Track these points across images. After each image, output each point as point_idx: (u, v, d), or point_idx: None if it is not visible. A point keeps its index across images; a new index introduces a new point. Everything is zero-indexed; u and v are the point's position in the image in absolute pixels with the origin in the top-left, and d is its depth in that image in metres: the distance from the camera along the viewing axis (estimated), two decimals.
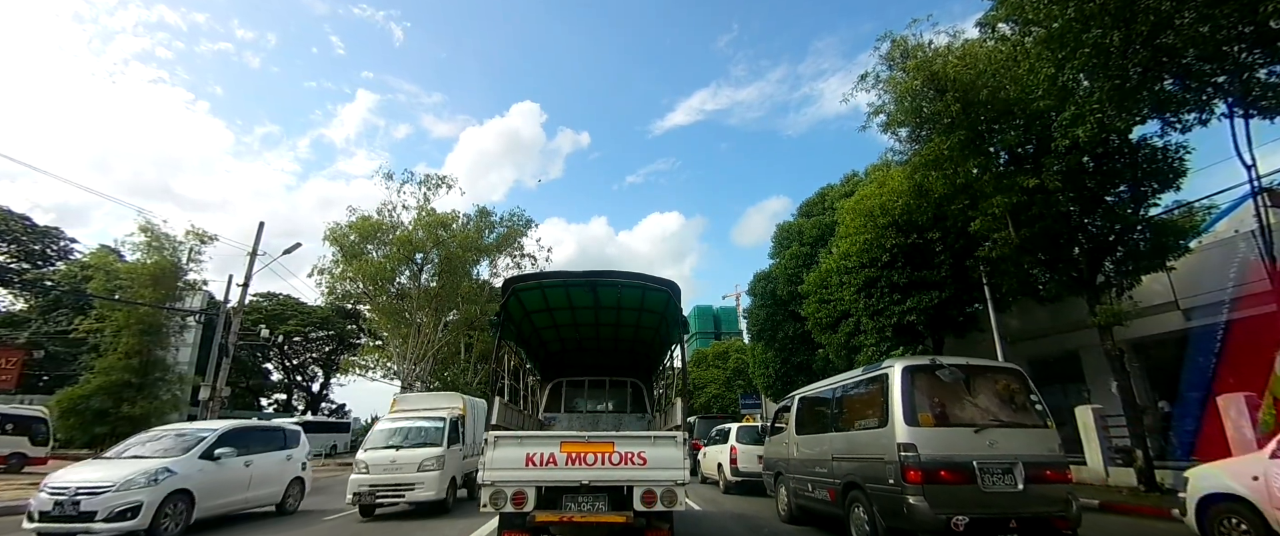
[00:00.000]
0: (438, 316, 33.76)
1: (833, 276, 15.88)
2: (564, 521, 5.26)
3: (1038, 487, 5.95)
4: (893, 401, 6.20)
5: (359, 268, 29.18)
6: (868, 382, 7.01)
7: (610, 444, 5.43)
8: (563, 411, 9.24)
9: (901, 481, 5.85)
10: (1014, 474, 5.94)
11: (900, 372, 6.30)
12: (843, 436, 7.28)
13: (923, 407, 6.15)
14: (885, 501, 6.14)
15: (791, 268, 20.79)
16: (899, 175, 13.67)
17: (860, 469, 6.68)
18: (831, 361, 17.44)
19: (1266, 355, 8.41)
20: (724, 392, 40.82)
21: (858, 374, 7.39)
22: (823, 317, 16.57)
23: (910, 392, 6.19)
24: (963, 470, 5.83)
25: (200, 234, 17.29)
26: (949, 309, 13.55)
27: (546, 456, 5.33)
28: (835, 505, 7.25)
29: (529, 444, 5.45)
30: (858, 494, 6.71)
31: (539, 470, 5.30)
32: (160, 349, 16.61)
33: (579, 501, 5.33)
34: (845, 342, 15.60)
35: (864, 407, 7.01)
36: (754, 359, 24.91)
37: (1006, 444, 6.06)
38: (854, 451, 6.90)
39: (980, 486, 5.81)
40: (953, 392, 6.33)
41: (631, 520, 5.22)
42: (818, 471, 7.76)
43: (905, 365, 6.39)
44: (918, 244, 13.59)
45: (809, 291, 17.33)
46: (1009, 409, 6.44)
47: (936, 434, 6.00)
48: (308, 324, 51.49)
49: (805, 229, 21.58)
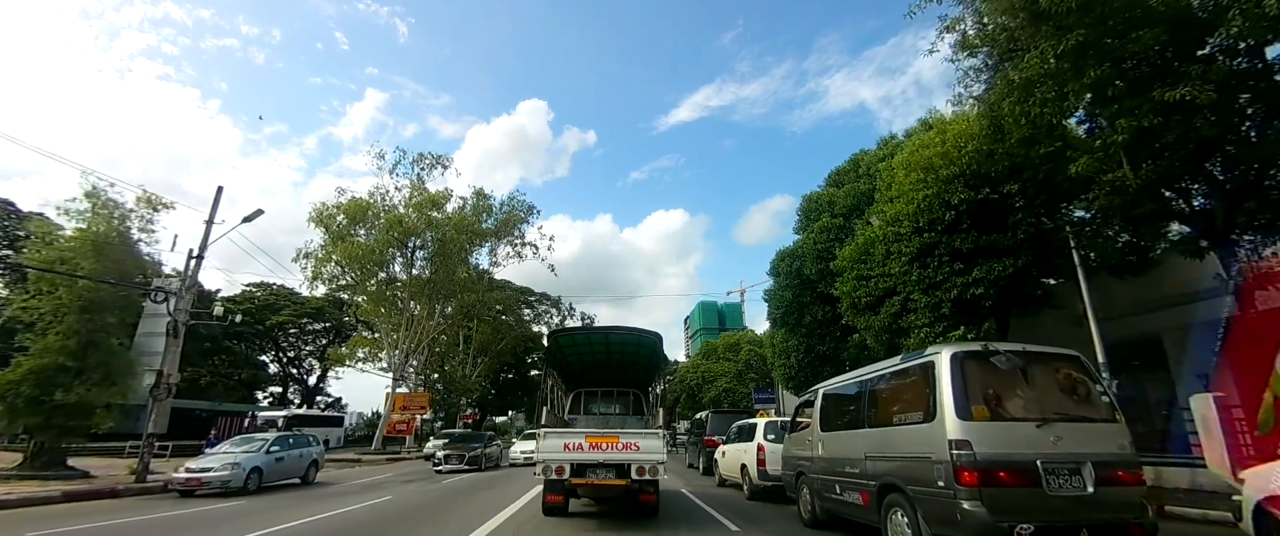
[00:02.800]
0: (432, 305, 32.92)
1: (877, 246, 14.12)
2: (588, 484, 8.11)
3: (1109, 490, 5.18)
4: (941, 392, 5.41)
5: (345, 250, 28.17)
6: (908, 372, 6.21)
7: (617, 437, 8.24)
8: (582, 413, 12.29)
9: (953, 483, 5.07)
10: (1082, 474, 5.17)
11: (949, 359, 5.51)
12: (878, 433, 6.49)
13: (976, 399, 5.35)
14: (932, 506, 5.36)
15: (821, 242, 18.84)
16: (958, 124, 11.89)
17: (900, 469, 5.90)
18: (869, 348, 15.86)
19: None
20: (735, 386, 39.73)
21: (895, 363, 6.59)
22: (861, 297, 14.76)
23: (961, 382, 5.39)
24: (1025, 470, 5.06)
25: (152, 200, 15.76)
26: (1024, 280, 11.65)
27: (576, 444, 8.14)
28: (869, 509, 6.48)
29: (566, 436, 8.34)
30: (897, 497, 5.93)
31: (572, 453, 8.08)
32: (105, 330, 15.04)
33: (597, 472, 8.06)
34: (889, 325, 13.83)
35: (904, 400, 6.22)
36: (773, 347, 23.31)
37: (1072, 440, 5.28)
38: (892, 449, 6.12)
39: (1045, 489, 5.03)
40: (1010, 382, 5.53)
41: (629, 484, 8.06)
42: (847, 472, 6.98)
43: (955, 351, 5.59)
44: (989, 200, 11.49)
45: (844, 267, 15.63)
46: (1072, 400, 5.65)
47: (993, 429, 5.21)
48: (302, 314, 50.58)
49: (837, 199, 19.70)
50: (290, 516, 9.81)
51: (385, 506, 11.24)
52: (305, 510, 10.70)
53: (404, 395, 32.85)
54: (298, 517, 9.68)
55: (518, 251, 38.03)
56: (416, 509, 10.89)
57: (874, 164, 18.47)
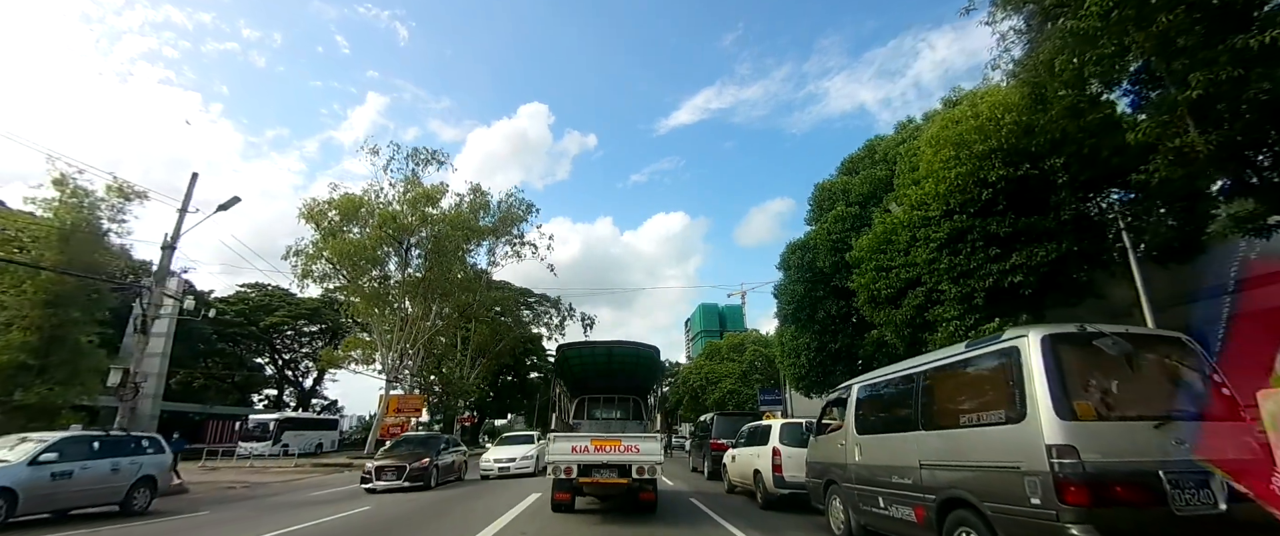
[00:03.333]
0: (428, 304, 31.79)
1: (899, 233, 13.12)
2: (593, 482, 8.80)
3: (1243, 507, 4.09)
4: (1033, 385, 4.32)
5: (336, 247, 27.04)
6: (979, 362, 5.11)
7: (619, 440, 8.92)
8: (586, 418, 12.84)
9: (1055, 500, 3.98)
10: (1211, 487, 4.08)
11: (1040, 344, 4.41)
12: (938, 436, 5.38)
13: (1078, 393, 4.26)
14: (1020, 529, 4.26)
15: (836, 232, 17.51)
16: (993, 96, 10.82)
17: (973, 480, 4.80)
18: (887, 344, 14.78)
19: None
20: (740, 388, 38.42)
21: (957, 352, 5.49)
22: (881, 289, 13.71)
23: (1058, 372, 4.30)
24: (1146, 484, 3.98)
25: (124, 188, 14.72)
26: (1067, 267, 10.53)
27: (582, 447, 8.84)
28: (923, 527, 5.38)
29: (573, 440, 9.04)
30: (966, 515, 4.83)
31: (579, 455, 8.78)
32: (71, 325, 13.99)
33: (601, 471, 8.75)
34: (911, 319, 12.86)
35: (974, 396, 5.12)
36: (782, 346, 21.98)
37: (1196, 444, 4.20)
38: (959, 456, 5.01)
39: (1171, 507, 3.94)
40: (1113, 372, 4.43)
41: (630, 482, 8.76)
42: (895, 482, 5.88)
43: (1046, 333, 4.50)
44: (1029, 178, 10.41)
45: (861, 258, 14.60)
46: (1187, 393, 4.56)
47: (1104, 431, 4.13)
48: (297, 316, 49.49)
49: (852, 186, 18.44)
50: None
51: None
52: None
53: (398, 397, 31.77)
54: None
55: (517, 251, 36.98)
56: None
57: (892, 149, 17.40)
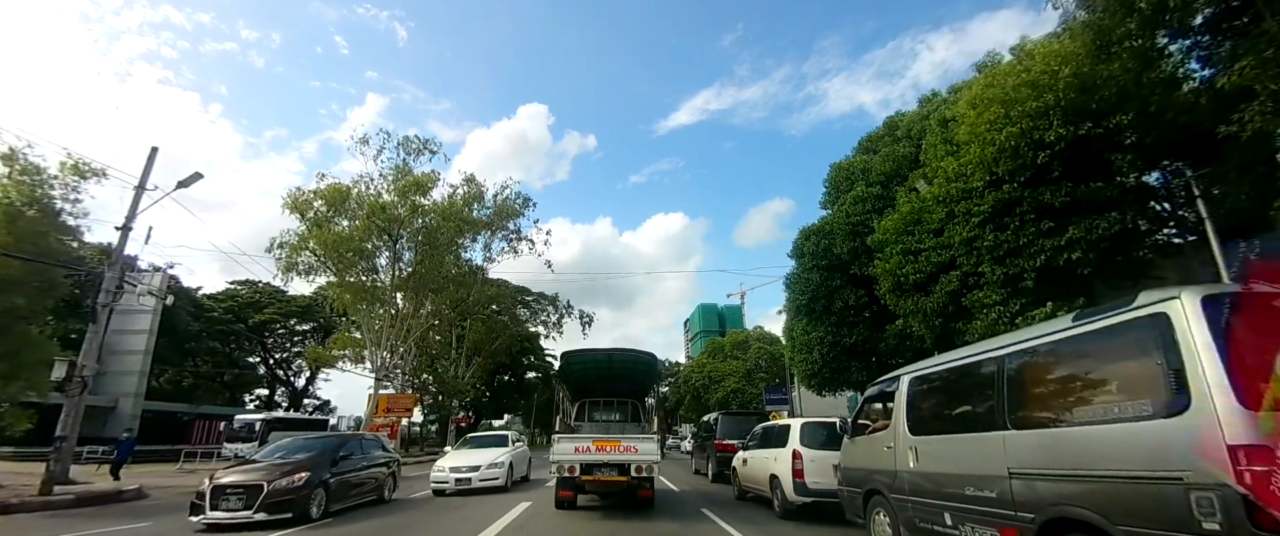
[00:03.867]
0: (419, 299, 30.53)
1: (932, 210, 11.88)
2: (595, 480, 9.64)
3: None
4: (1198, 364, 3.12)
5: (320, 237, 25.77)
6: (1102, 337, 3.89)
7: (618, 441, 9.72)
8: (587, 420, 13.27)
9: (1246, 525, 2.78)
10: None
11: (1201, 309, 3.22)
12: (1038, 436, 4.16)
13: (1260, 376, 3.06)
14: None
15: (855, 215, 16.18)
16: (1047, 47, 9.61)
17: (1098, 495, 3.60)
18: (912, 336, 13.54)
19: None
20: (744, 387, 37.09)
21: (1063, 327, 4.24)
22: (908, 274, 12.44)
23: (1226, 349, 3.11)
24: None
25: (79, 165, 13.50)
26: (1128, 242, 9.34)
27: (585, 447, 9.61)
28: None
29: (577, 441, 9.79)
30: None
31: (581, 455, 9.56)
32: (13, 313, 12.74)
33: (602, 470, 9.55)
34: (943, 307, 11.62)
35: (1096, 384, 3.91)
36: (792, 341, 20.62)
37: None
38: (1075, 463, 3.80)
39: None
40: None
41: (629, 480, 9.54)
42: (970, 494, 4.68)
43: (1207, 294, 3.30)
44: (1092, 139, 9.09)
45: (885, 241, 13.37)
46: None
47: None
48: (288, 313, 48.19)
49: (872, 165, 17.02)
50: None
51: None
52: None
53: (388, 396, 30.56)
54: None
55: (514, 247, 35.78)
56: None
57: (915, 124, 16.19)
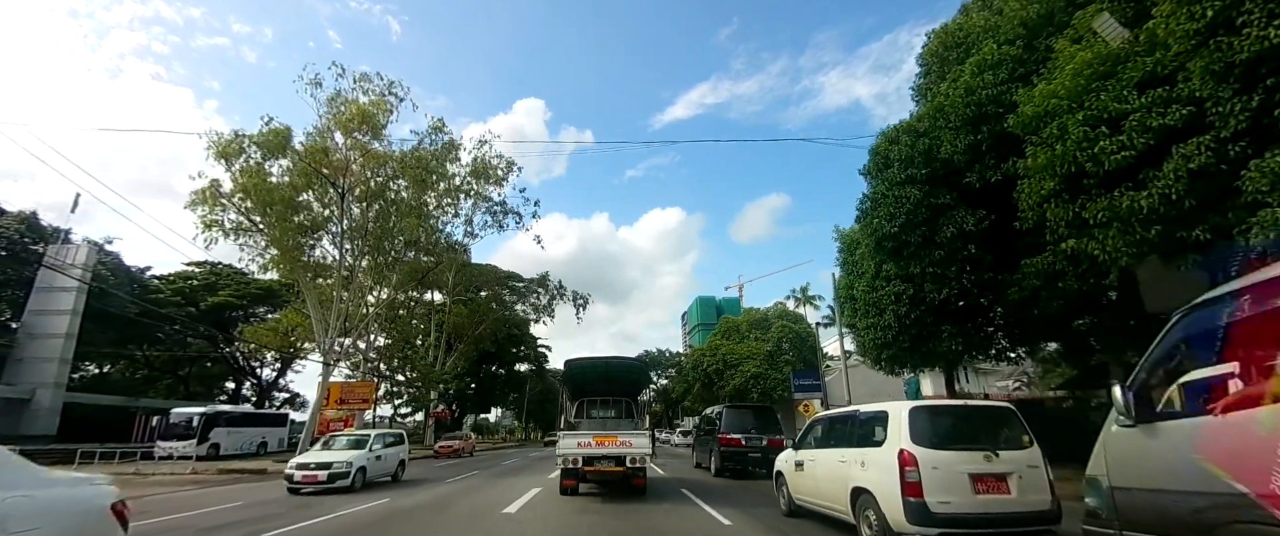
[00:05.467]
0: (378, 270, 25.18)
1: (1157, 57, 7.15)
2: (595, 470, 11.38)
3: None
4: None
5: (246, 185, 20.33)
6: None
7: (615, 436, 11.48)
8: (586, 417, 14.83)
9: None
10: None
11: None
12: None
13: None
14: None
15: (986, 91, 10.89)
16: None
17: None
18: (1068, 276, 9.05)
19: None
20: (767, 371, 31.87)
21: None
22: (1104, 153, 7.67)
23: None
24: None
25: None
26: None
27: (586, 442, 11.35)
28: None
29: (578, 436, 11.55)
30: None
31: (583, 448, 11.26)
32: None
33: (601, 462, 11.27)
34: (1175, 198, 6.93)
35: None
36: (856, 301, 15.32)
37: None
38: None
39: None
40: None
41: (625, 470, 11.20)
42: None
43: None
44: None
45: (1053, 110, 8.43)
46: None
47: None
48: (245, 295, 42.68)
49: (1002, 22, 11.79)
50: None
51: None
52: None
53: (341, 385, 25.23)
54: None
55: (499, 221, 30.50)
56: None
57: None
